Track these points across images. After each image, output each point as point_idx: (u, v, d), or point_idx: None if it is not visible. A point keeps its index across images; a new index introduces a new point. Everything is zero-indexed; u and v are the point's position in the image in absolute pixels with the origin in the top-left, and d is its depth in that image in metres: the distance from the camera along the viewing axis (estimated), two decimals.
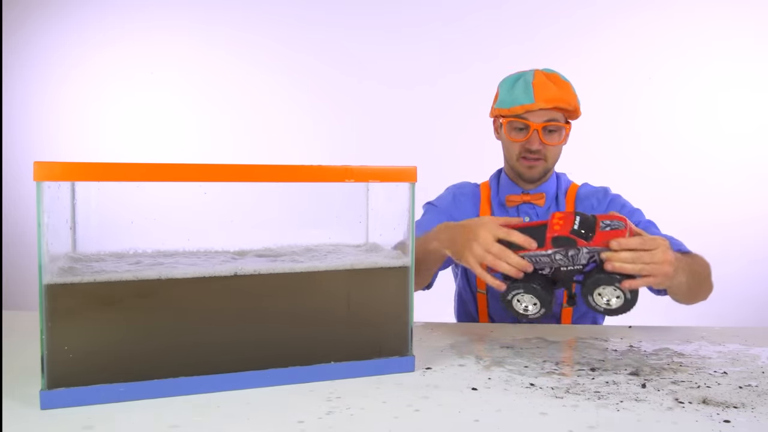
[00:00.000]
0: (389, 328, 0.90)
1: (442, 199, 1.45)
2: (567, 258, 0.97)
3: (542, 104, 1.26)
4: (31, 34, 3.35)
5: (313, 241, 0.98)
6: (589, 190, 1.42)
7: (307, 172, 0.84)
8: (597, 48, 2.92)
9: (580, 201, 1.39)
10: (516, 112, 1.28)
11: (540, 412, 0.75)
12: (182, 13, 3.25)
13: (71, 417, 0.71)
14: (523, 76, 1.31)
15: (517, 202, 1.38)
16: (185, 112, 3.24)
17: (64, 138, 3.33)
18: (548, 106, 1.26)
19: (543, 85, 1.28)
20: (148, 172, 0.76)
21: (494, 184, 1.45)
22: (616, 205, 1.38)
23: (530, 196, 1.37)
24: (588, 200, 1.38)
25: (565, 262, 0.97)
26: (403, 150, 2.95)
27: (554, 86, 1.28)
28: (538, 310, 0.99)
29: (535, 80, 1.29)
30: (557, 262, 0.98)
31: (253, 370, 0.82)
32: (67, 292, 0.74)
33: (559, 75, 1.32)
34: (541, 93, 1.27)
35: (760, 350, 1.05)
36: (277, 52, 3.20)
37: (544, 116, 1.28)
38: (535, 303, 0.99)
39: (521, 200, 1.37)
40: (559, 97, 1.27)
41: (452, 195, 1.45)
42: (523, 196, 1.37)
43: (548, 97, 1.26)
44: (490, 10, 3.02)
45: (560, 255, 0.96)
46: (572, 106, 1.29)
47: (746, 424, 0.71)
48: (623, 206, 1.38)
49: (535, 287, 0.98)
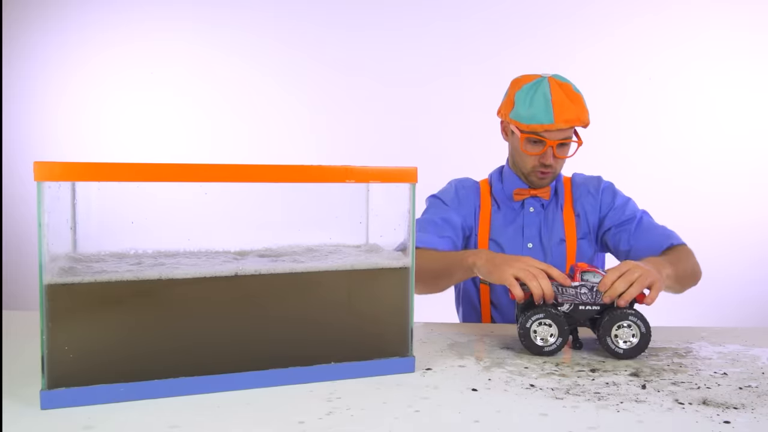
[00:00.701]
0: (389, 329, 0.90)
1: (445, 192, 1.48)
2: (591, 294, 1.03)
3: (561, 125, 1.29)
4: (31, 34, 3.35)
5: (313, 242, 0.98)
6: (583, 177, 1.47)
7: (307, 173, 0.84)
8: (597, 48, 2.91)
9: (576, 187, 1.44)
10: (535, 129, 1.31)
11: (540, 413, 0.75)
12: (182, 13, 3.25)
13: (71, 417, 0.71)
14: (540, 88, 1.31)
15: (525, 195, 1.42)
16: (185, 112, 3.24)
17: (64, 138, 3.33)
18: (566, 126, 1.30)
19: (562, 104, 1.29)
20: (148, 172, 0.76)
21: (497, 179, 1.48)
22: (608, 193, 1.42)
23: (537, 190, 1.42)
24: (584, 186, 1.44)
25: (588, 298, 1.03)
26: (403, 150, 2.95)
27: (572, 105, 1.30)
28: (555, 341, 1.01)
29: (553, 97, 1.29)
30: (581, 297, 1.03)
31: (253, 370, 0.82)
32: (68, 292, 0.73)
33: (572, 86, 1.33)
34: (561, 113, 1.29)
35: (760, 351, 1.05)
36: (277, 52, 3.20)
37: (561, 135, 1.32)
38: (552, 334, 1.02)
39: (528, 194, 1.42)
40: (577, 117, 1.30)
41: (455, 189, 1.47)
42: (530, 190, 1.42)
43: (567, 117, 1.29)
44: (490, 10, 3.01)
45: (586, 289, 1.03)
46: (586, 123, 1.34)
47: (746, 424, 0.71)
48: (615, 194, 1.42)
49: (556, 313, 1.01)
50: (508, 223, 1.43)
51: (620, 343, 1.00)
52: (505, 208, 1.44)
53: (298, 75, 3.17)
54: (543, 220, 1.42)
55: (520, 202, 1.43)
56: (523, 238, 1.41)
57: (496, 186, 1.46)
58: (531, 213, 1.42)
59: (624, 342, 1.00)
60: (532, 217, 1.42)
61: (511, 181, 1.44)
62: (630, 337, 1.00)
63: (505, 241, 1.41)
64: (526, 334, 1.01)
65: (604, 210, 1.41)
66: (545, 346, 1.01)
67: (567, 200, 1.43)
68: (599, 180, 1.45)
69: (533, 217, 1.42)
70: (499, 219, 1.43)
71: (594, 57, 2.89)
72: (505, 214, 1.44)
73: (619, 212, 1.38)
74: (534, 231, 1.41)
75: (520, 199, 1.43)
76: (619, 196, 1.42)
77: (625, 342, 1.00)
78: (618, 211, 1.39)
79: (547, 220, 1.42)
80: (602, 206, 1.41)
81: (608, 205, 1.40)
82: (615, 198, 1.41)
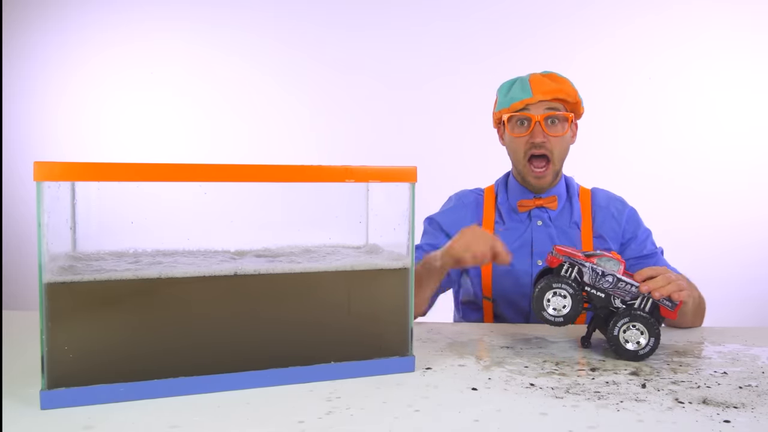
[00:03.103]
0: (389, 329, 0.90)
1: (441, 213, 1.44)
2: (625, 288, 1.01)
3: (541, 96, 1.28)
4: (31, 34, 3.35)
5: (313, 242, 0.98)
6: (608, 196, 1.41)
7: (307, 173, 0.84)
8: (597, 48, 2.91)
9: (600, 208, 1.38)
10: (516, 107, 1.30)
11: (540, 412, 0.75)
12: (182, 13, 3.25)
13: (71, 417, 0.71)
14: (519, 78, 1.34)
15: (530, 207, 1.37)
16: (185, 112, 3.24)
17: (64, 138, 3.33)
18: (547, 98, 1.28)
19: (540, 81, 1.30)
20: (148, 172, 0.76)
21: (502, 189, 1.43)
22: (632, 222, 1.38)
23: (543, 201, 1.36)
24: (608, 209, 1.38)
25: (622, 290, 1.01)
26: (403, 150, 2.95)
27: (551, 81, 1.30)
28: (567, 312, 1.00)
29: (531, 78, 1.31)
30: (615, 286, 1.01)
31: (253, 370, 0.82)
32: (67, 291, 0.74)
33: (556, 73, 1.34)
34: (539, 87, 1.29)
35: (760, 350, 1.05)
36: (277, 52, 3.20)
37: (544, 107, 1.29)
38: (564, 306, 1.00)
39: (534, 204, 1.36)
40: (558, 88, 1.29)
41: (453, 206, 1.44)
42: (535, 200, 1.36)
43: (546, 89, 1.28)
44: (490, 11, 3.01)
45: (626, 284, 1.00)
46: (572, 97, 1.30)
47: (746, 424, 0.71)
48: (638, 225, 1.38)
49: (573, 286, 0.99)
50: (515, 239, 1.35)
51: (625, 343, 0.98)
52: (511, 222, 1.37)
53: (298, 75, 3.17)
54: (554, 236, 1.35)
55: (526, 213, 1.37)
56: (532, 255, 1.34)
57: (501, 196, 1.41)
58: (539, 227, 1.35)
59: (628, 342, 0.98)
60: (541, 231, 1.35)
61: (515, 191, 1.39)
62: (641, 339, 0.98)
63: (514, 258, 1.29)
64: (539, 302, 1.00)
65: (626, 237, 1.36)
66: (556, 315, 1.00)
67: (586, 218, 1.37)
68: (623, 204, 1.40)
69: (541, 231, 1.35)
70: (503, 234, 1.35)
71: (594, 57, 2.89)
72: (511, 228, 1.37)
73: (641, 246, 1.35)
74: (543, 247, 1.34)
75: (525, 210, 1.37)
76: (642, 228, 1.38)
77: (638, 343, 0.98)
78: (640, 244, 1.35)
79: (559, 235, 1.35)
80: (624, 233, 1.36)
81: (631, 234, 1.36)
82: (638, 229, 1.37)
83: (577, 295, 0.99)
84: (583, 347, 1.05)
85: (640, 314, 0.98)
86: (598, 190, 1.43)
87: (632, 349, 0.98)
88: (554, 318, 1.00)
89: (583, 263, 1.01)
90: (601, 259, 1.01)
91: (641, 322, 0.97)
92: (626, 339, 0.98)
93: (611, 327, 0.98)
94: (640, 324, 0.97)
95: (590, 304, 1.02)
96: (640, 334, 0.98)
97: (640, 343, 0.98)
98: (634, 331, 0.98)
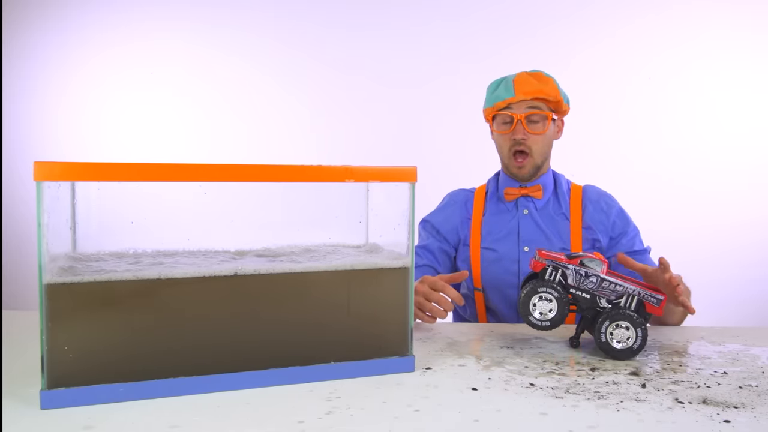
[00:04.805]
0: (389, 329, 0.90)
1: (434, 212, 1.53)
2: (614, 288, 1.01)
3: (522, 96, 1.35)
4: (31, 34, 3.35)
5: (313, 241, 0.98)
6: (598, 192, 1.47)
7: (307, 172, 0.84)
8: (597, 48, 2.91)
9: (590, 201, 1.44)
10: (500, 106, 1.38)
11: (540, 412, 0.75)
12: (182, 13, 3.25)
13: (71, 417, 0.71)
14: (506, 77, 1.41)
15: (516, 195, 1.44)
16: (185, 112, 3.24)
17: (64, 138, 3.33)
18: (528, 97, 1.36)
19: (523, 80, 1.37)
20: (148, 172, 0.76)
21: (493, 182, 1.51)
22: (622, 218, 1.43)
23: (528, 189, 1.43)
24: (597, 203, 1.44)
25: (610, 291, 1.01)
26: (403, 150, 2.96)
27: (534, 80, 1.37)
28: (553, 316, 1.00)
29: (516, 78, 1.38)
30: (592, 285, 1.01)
31: (253, 370, 0.82)
32: (67, 291, 0.73)
33: (542, 72, 1.39)
34: (521, 87, 1.36)
35: (760, 350, 1.05)
36: (277, 52, 3.20)
37: (525, 106, 1.37)
38: (551, 309, 1.00)
39: (519, 193, 1.44)
40: (539, 89, 1.35)
41: (444, 204, 1.53)
42: (521, 189, 1.44)
43: (527, 89, 1.36)
44: (490, 10, 3.01)
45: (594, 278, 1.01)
46: (553, 96, 1.36)
47: (746, 424, 0.71)
48: (628, 222, 1.43)
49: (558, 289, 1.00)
50: (502, 227, 1.43)
51: (614, 343, 0.98)
52: (499, 212, 1.45)
53: (298, 75, 3.17)
54: (541, 225, 1.41)
55: (513, 202, 1.45)
56: (519, 241, 1.41)
57: (491, 189, 1.49)
58: (525, 215, 1.43)
59: (618, 342, 0.98)
60: (527, 219, 1.42)
61: (503, 181, 1.47)
62: (626, 339, 0.98)
63: (501, 246, 1.41)
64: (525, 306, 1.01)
65: (616, 232, 1.41)
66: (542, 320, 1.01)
67: (575, 210, 1.43)
68: (612, 199, 1.46)
69: (528, 219, 1.42)
70: (492, 224, 1.44)
71: (594, 57, 2.89)
72: (499, 218, 1.44)
73: (631, 242, 1.40)
74: (530, 235, 1.41)
75: (512, 199, 1.44)
76: (632, 226, 1.43)
77: (619, 342, 0.98)
78: (630, 240, 1.40)
79: (546, 224, 1.42)
80: (614, 227, 1.41)
81: (621, 230, 1.41)
82: (628, 226, 1.42)
83: (562, 298, 1.00)
84: (573, 347, 1.06)
85: (626, 313, 0.98)
86: (590, 186, 1.49)
87: (621, 347, 0.98)
88: (541, 322, 1.01)
89: (567, 266, 1.01)
90: (584, 260, 1.02)
91: (627, 320, 0.98)
92: (615, 338, 0.99)
93: (599, 326, 0.99)
94: (626, 322, 0.98)
95: (577, 305, 1.03)
96: (627, 332, 0.98)
97: (628, 341, 0.98)
98: (622, 330, 0.99)
